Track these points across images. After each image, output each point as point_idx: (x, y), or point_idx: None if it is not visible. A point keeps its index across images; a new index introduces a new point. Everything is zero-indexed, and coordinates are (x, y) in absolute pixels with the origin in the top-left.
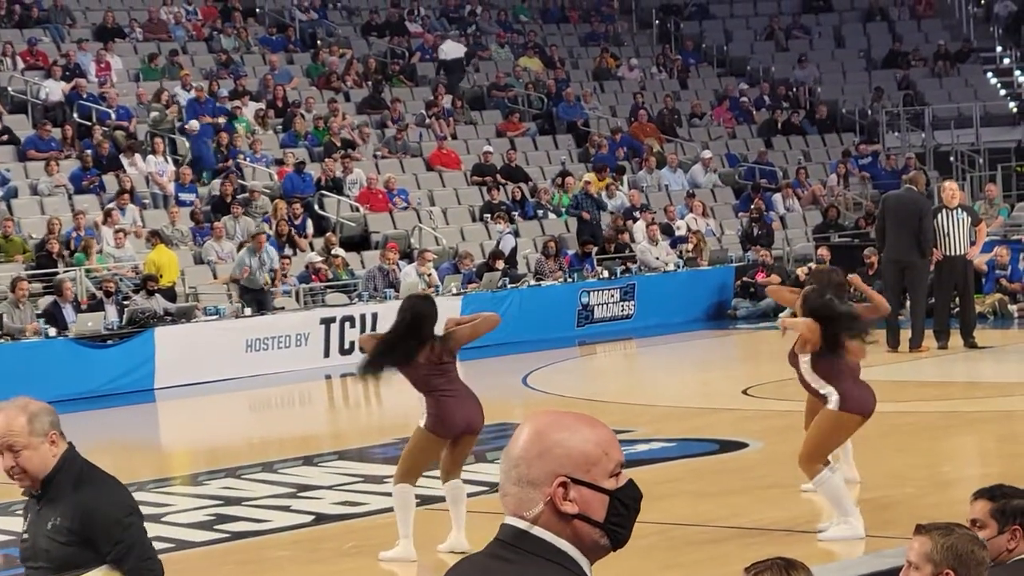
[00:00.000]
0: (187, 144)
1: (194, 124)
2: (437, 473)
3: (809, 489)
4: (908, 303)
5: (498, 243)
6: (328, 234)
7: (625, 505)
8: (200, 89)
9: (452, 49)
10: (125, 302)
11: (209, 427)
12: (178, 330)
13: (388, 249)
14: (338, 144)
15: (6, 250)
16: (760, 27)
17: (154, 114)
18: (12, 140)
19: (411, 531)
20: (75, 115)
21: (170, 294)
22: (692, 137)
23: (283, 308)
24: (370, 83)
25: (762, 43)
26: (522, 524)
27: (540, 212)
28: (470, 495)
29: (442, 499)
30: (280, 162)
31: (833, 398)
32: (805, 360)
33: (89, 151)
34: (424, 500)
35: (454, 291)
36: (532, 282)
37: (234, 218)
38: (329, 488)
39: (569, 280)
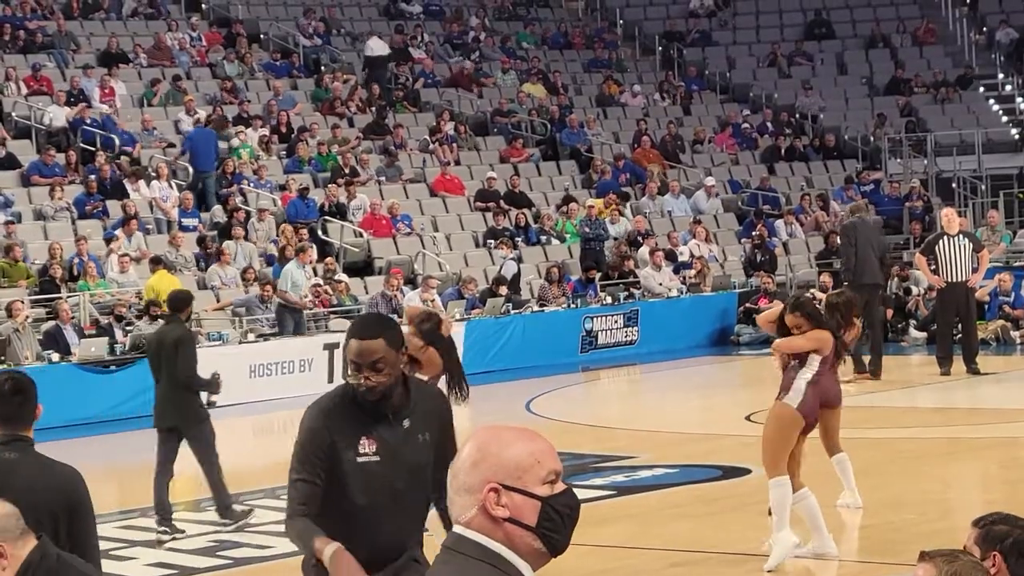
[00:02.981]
0: (190, 170)
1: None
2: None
3: (843, 504)
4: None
5: (501, 269)
6: (328, 259)
7: (557, 512)
8: (199, 120)
9: (377, 46)
10: (128, 327)
11: None
12: None
13: (391, 275)
14: (346, 170)
15: (10, 275)
16: (763, 54)
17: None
18: (15, 165)
19: None
20: (79, 140)
21: None
22: (695, 163)
23: (287, 333)
24: (374, 109)
25: (765, 70)
26: (459, 529)
27: (543, 238)
28: None
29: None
30: (283, 187)
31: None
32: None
33: (93, 176)
34: None
35: (457, 317)
36: (535, 308)
37: (236, 243)
38: None
39: (572, 306)
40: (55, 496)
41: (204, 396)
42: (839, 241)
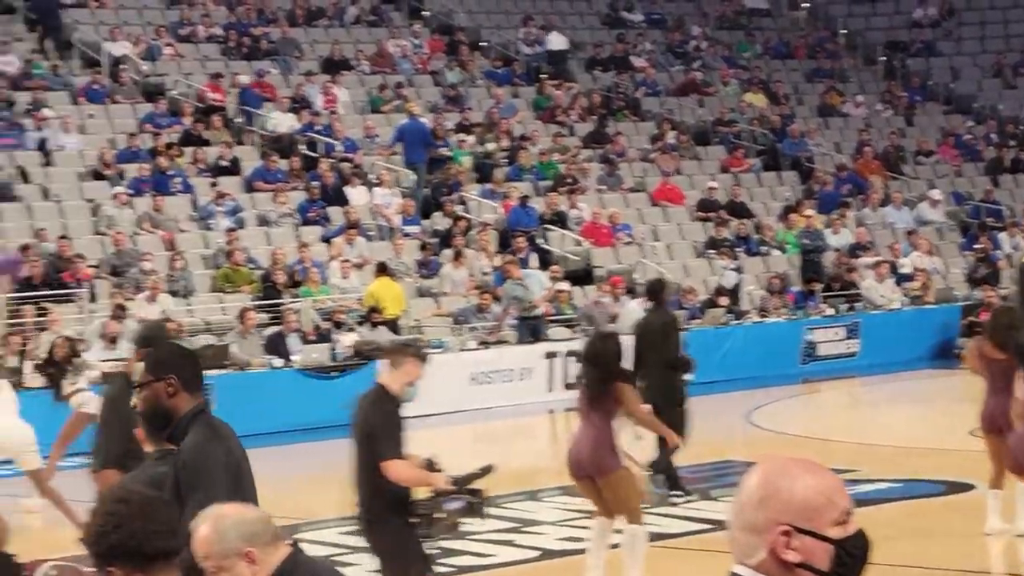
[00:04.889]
0: (412, 176)
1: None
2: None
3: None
4: None
5: (721, 279)
6: (554, 267)
7: (851, 555)
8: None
9: (558, 40)
10: (349, 333)
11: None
12: None
13: (609, 283)
14: (567, 179)
15: (233, 280)
16: (987, 64)
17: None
18: (239, 171)
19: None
20: (302, 147)
21: (394, 326)
22: (917, 175)
23: (507, 342)
24: (595, 117)
25: (989, 80)
26: (746, 572)
27: (764, 248)
28: (695, 532)
29: (675, 535)
30: (504, 196)
31: None
32: None
33: (315, 183)
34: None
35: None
36: (756, 318)
37: (456, 252)
38: (553, 524)
39: (793, 317)
40: None
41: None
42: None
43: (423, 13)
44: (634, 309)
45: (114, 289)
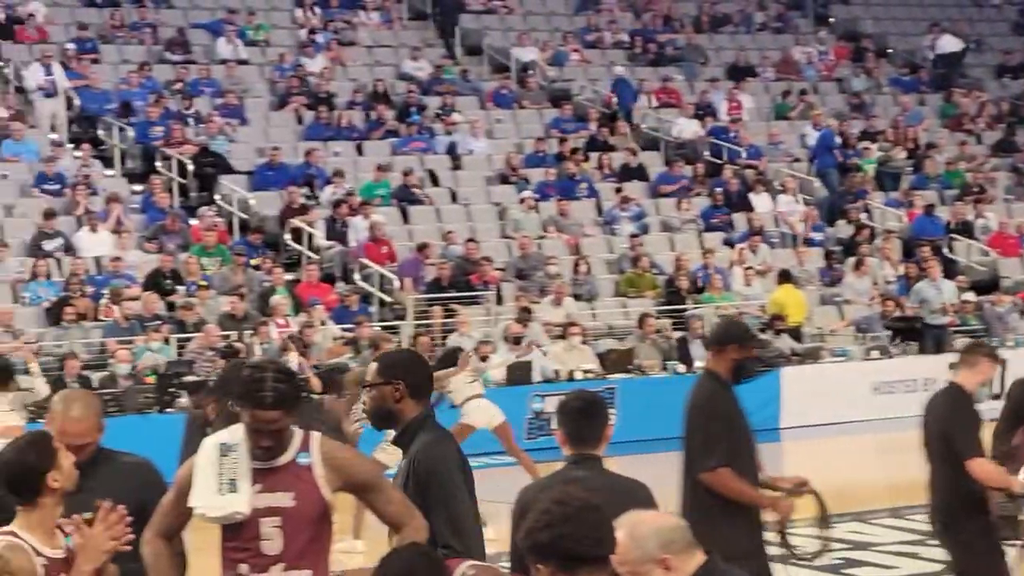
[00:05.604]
0: (815, 183)
1: None
2: None
3: None
4: None
5: None
6: (960, 277)
7: None
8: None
9: (949, 43)
10: None
11: (835, 469)
12: (804, 370)
13: (1018, 297)
14: (974, 188)
15: (637, 285)
16: None
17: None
18: (644, 176)
19: None
20: (707, 153)
21: (797, 334)
22: None
23: (910, 352)
24: (1003, 125)
25: None
26: None
27: None
28: None
29: None
30: (909, 204)
31: None
32: None
33: (719, 189)
34: None
35: None
36: None
37: (859, 260)
38: None
39: None
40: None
41: None
42: None
43: (829, 20)
44: None
45: (519, 292)
